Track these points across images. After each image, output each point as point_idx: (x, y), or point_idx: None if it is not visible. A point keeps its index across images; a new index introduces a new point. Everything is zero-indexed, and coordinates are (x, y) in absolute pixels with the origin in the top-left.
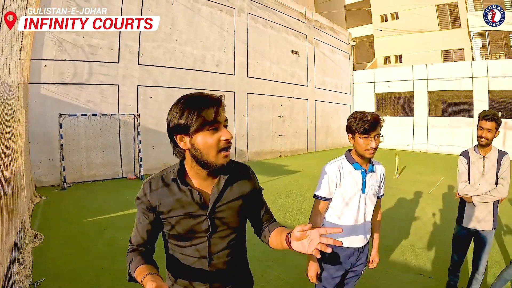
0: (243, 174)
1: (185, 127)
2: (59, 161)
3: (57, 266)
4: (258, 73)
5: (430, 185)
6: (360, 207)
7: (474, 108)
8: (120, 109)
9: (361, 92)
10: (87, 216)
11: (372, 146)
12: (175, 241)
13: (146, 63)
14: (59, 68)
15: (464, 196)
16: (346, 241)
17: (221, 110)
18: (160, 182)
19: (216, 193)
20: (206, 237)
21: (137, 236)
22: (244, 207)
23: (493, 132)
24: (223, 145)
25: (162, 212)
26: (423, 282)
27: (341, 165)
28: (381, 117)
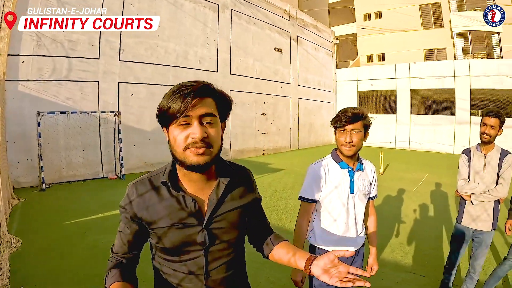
0: (244, 179)
1: (161, 117)
2: (38, 161)
3: (36, 273)
4: (241, 70)
5: (415, 182)
6: (349, 208)
7: (456, 107)
8: (100, 107)
9: (344, 90)
10: (67, 218)
11: (347, 141)
12: (165, 255)
13: (127, 59)
14: (37, 64)
15: (463, 194)
16: (338, 246)
17: (196, 101)
18: (147, 186)
19: (215, 200)
20: (202, 251)
21: (118, 246)
22: (244, 217)
23: (496, 129)
24: (191, 144)
25: (150, 222)
26: (415, 280)
27: (326, 164)
28: (368, 114)
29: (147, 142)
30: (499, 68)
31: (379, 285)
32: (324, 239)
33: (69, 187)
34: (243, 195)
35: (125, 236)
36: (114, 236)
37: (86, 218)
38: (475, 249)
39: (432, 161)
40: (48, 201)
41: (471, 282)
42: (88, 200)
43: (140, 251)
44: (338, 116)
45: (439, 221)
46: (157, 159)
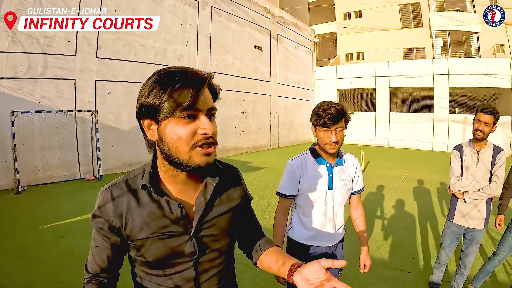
0: (233, 179)
1: (152, 110)
2: (13, 162)
3: (10, 281)
4: (221, 68)
5: (396, 179)
6: (327, 204)
7: (435, 105)
8: (77, 105)
9: (323, 88)
10: (43, 222)
11: (332, 140)
12: (147, 269)
13: (105, 56)
14: (12, 61)
15: (456, 192)
16: (315, 240)
17: (205, 94)
18: (124, 189)
19: (203, 204)
20: (191, 263)
21: (95, 264)
22: (235, 221)
23: (490, 126)
24: (201, 140)
25: (129, 233)
26: (403, 277)
27: (304, 160)
28: (347, 110)
29: (125, 141)
30: (477, 67)
31: (367, 282)
32: (301, 233)
33: (45, 189)
34: (233, 197)
35: (103, 251)
36: (90, 241)
37: (62, 221)
38: (466, 246)
39: (411, 158)
40: (24, 205)
41: (461, 278)
42: (65, 202)
43: (119, 266)
44: (319, 115)
45: (423, 218)
46: (135, 158)
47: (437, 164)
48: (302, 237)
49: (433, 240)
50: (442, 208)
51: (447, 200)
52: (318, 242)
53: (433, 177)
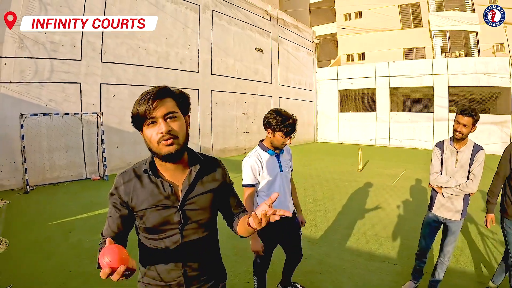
0: (213, 167)
1: (134, 122)
2: (21, 163)
3: (23, 272)
4: (222, 70)
5: (393, 178)
6: (282, 183)
7: (435, 104)
8: (82, 108)
9: (324, 89)
10: (52, 219)
11: (287, 143)
12: (147, 234)
13: (109, 61)
14: (19, 66)
15: (435, 187)
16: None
17: (157, 103)
18: (132, 175)
19: (187, 185)
20: (178, 229)
21: (108, 230)
22: (215, 200)
23: (469, 127)
24: (161, 138)
25: (134, 206)
26: (388, 268)
27: (259, 155)
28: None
29: (128, 142)
30: (476, 67)
31: (354, 272)
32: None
33: (52, 189)
34: (213, 181)
35: (114, 220)
36: (98, 236)
37: (69, 218)
38: (445, 237)
39: (411, 157)
40: (32, 203)
41: (441, 267)
42: (72, 201)
43: (127, 233)
44: (287, 126)
45: (414, 214)
46: (138, 159)
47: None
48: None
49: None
50: None
51: None
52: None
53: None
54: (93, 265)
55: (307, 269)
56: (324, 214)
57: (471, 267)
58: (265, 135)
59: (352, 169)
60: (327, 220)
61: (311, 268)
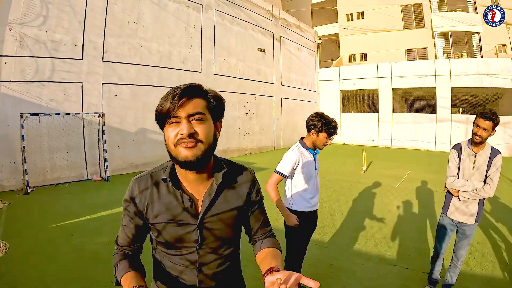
0: (242, 179)
1: (158, 118)
2: (22, 163)
3: (24, 277)
4: (224, 70)
5: (397, 179)
6: (316, 180)
7: (437, 105)
8: (84, 108)
9: (326, 90)
10: (53, 221)
11: (328, 144)
12: (162, 248)
13: (111, 60)
14: (20, 65)
15: (451, 190)
16: (312, 207)
17: (183, 101)
18: (148, 182)
19: (207, 201)
20: (195, 248)
21: (122, 239)
22: (239, 218)
23: (489, 131)
24: (180, 139)
25: (149, 217)
26: (399, 272)
27: (301, 150)
28: None
29: (130, 143)
30: (479, 67)
31: (364, 277)
32: (303, 204)
33: (53, 190)
34: (239, 195)
35: (129, 230)
36: (101, 238)
37: (71, 220)
38: (459, 240)
39: (413, 158)
40: (33, 205)
41: (454, 270)
42: (73, 202)
43: (142, 242)
44: (332, 128)
45: (422, 216)
46: (140, 160)
47: (439, 164)
48: (305, 206)
49: (430, 237)
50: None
51: None
52: (312, 207)
53: (434, 177)
54: (95, 269)
55: (316, 274)
56: (330, 217)
57: (481, 270)
58: (307, 136)
59: (356, 170)
60: (334, 223)
61: (320, 272)
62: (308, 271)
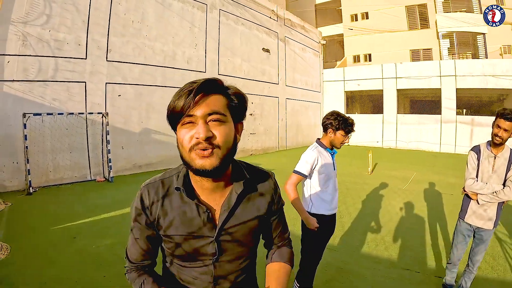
0: (263, 186)
1: (170, 118)
2: (24, 164)
3: (25, 281)
4: (229, 70)
5: (403, 181)
6: (334, 180)
7: (442, 106)
8: (87, 108)
9: (331, 90)
10: (55, 223)
11: (345, 142)
12: (175, 260)
13: (115, 59)
14: (23, 64)
15: (470, 193)
16: (332, 209)
17: (200, 98)
18: (160, 190)
19: (226, 212)
20: (211, 261)
21: (136, 254)
22: (259, 228)
23: (509, 132)
24: (195, 144)
25: (161, 228)
26: (410, 276)
27: (319, 150)
28: None
29: (134, 143)
30: (484, 68)
31: (375, 280)
32: (323, 207)
33: (56, 191)
34: (260, 205)
35: (143, 243)
36: (104, 241)
37: (74, 222)
38: (475, 246)
39: (419, 159)
40: (35, 206)
41: (469, 276)
42: (76, 203)
43: (156, 255)
44: (349, 125)
45: (431, 219)
46: (145, 160)
47: (444, 165)
48: (324, 209)
49: (441, 240)
50: (450, 209)
51: (455, 201)
52: (331, 210)
53: (441, 179)
54: (99, 273)
55: (327, 277)
56: (338, 219)
57: (492, 274)
58: (324, 135)
59: (362, 171)
60: (342, 225)
61: (331, 276)
62: (317, 274)
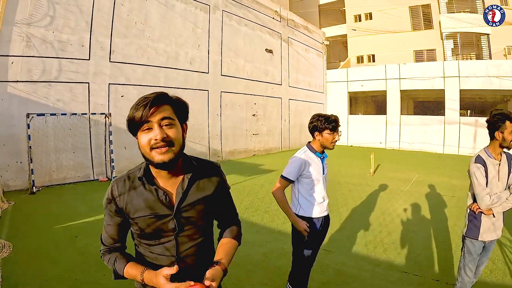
0: (209, 173)
1: (130, 127)
2: (28, 163)
3: (27, 280)
4: (232, 71)
5: (405, 182)
6: (324, 184)
7: (446, 107)
8: (90, 108)
9: (334, 91)
10: (58, 222)
11: (336, 139)
12: (143, 240)
13: (118, 60)
14: (26, 65)
15: (485, 210)
16: (320, 212)
17: (154, 110)
18: (127, 182)
19: (181, 193)
20: (173, 236)
21: (108, 238)
22: (210, 207)
23: None
24: (154, 144)
25: (130, 213)
26: (408, 279)
27: (307, 154)
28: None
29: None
30: (488, 69)
31: (373, 283)
32: (310, 210)
33: (59, 190)
34: (208, 187)
35: (111, 228)
36: None
37: (76, 222)
38: (481, 257)
39: (422, 161)
40: (39, 205)
41: (470, 284)
42: (79, 203)
43: (126, 238)
44: (332, 121)
45: (432, 221)
46: None
47: (447, 167)
48: (312, 212)
49: (440, 243)
50: (452, 212)
51: (457, 203)
52: (321, 213)
53: (444, 180)
54: (100, 273)
55: (324, 280)
56: (338, 220)
57: (491, 278)
58: (313, 140)
59: (364, 173)
60: (342, 227)
61: (328, 278)
62: (315, 277)
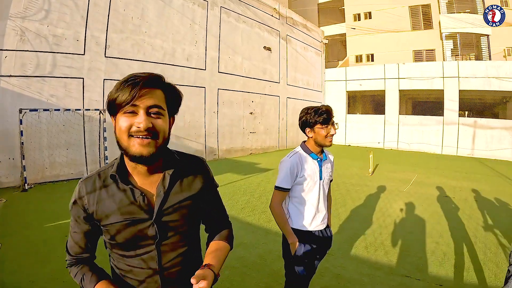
0: (194, 169)
1: (110, 106)
2: (20, 160)
3: (15, 279)
4: (229, 68)
5: (405, 183)
6: (320, 193)
7: (445, 107)
8: (84, 104)
9: (332, 90)
10: (49, 220)
11: (332, 133)
12: (118, 251)
13: (113, 56)
14: (20, 60)
15: None
16: (313, 225)
17: (144, 93)
18: (97, 182)
19: (162, 193)
20: (154, 246)
21: (74, 247)
22: (195, 208)
23: None
24: (135, 132)
25: (100, 219)
26: (411, 284)
27: (299, 156)
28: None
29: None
30: (487, 70)
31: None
32: (300, 221)
33: (52, 188)
34: (193, 184)
35: (79, 236)
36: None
37: (68, 220)
38: None
39: (420, 161)
40: (30, 202)
41: None
42: None
43: (95, 248)
44: (323, 113)
45: (433, 223)
46: None
47: (446, 167)
48: (301, 225)
49: (442, 246)
50: (452, 213)
51: (457, 204)
52: (316, 227)
53: (443, 181)
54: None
55: (323, 284)
56: (337, 222)
57: (495, 281)
58: (308, 139)
59: (362, 173)
60: (341, 229)
61: (327, 283)
62: (314, 281)
